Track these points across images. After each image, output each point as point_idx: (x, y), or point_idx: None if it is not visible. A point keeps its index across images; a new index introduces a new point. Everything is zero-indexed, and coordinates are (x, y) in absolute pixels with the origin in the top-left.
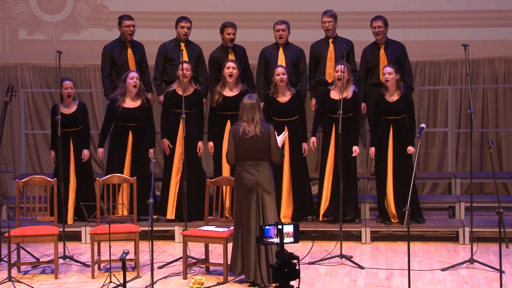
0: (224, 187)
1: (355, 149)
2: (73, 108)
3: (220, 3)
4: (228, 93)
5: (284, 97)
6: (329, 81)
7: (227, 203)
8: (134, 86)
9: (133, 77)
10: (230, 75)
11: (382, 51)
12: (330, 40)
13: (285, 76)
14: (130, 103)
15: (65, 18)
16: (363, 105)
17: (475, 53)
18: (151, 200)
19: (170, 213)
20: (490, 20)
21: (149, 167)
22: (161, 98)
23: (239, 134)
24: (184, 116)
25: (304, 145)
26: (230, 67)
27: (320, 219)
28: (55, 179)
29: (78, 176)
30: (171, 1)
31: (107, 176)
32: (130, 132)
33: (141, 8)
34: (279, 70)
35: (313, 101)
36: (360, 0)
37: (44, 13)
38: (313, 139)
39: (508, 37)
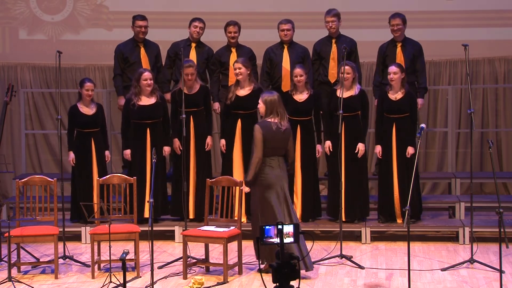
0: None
1: (359, 147)
2: (93, 109)
3: (224, 3)
4: (240, 92)
5: (301, 96)
6: (332, 81)
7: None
8: (148, 86)
9: (146, 78)
10: (238, 75)
11: (399, 49)
12: (333, 40)
13: (302, 77)
14: (145, 101)
15: (65, 18)
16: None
17: (475, 53)
18: (151, 200)
19: (192, 213)
20: (490, 20)
21: (165, 165)
22: (168, 96)
23: (272, 129)
24: (184, 116)
25: (318, 147)
26: (237, 68)
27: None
28: (55, 179)
29: (101, 177)
30: (173, 1)
31: (107, 176)
32: (148, 130)
33: (141, 8)
34: (297, 71)
35: None
36: (362, 0)
37: (44, 13)
38: (328, 142)
39: (508, 37)
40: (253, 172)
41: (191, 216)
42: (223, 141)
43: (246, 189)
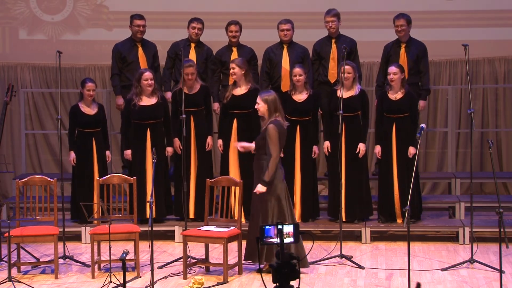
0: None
1: (360, 146)
2: (95, 109)
3: (224, 3)
4: (237, 91)
5: (300, 96)
6: (332, 81)
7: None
8: (149, 86)
9: (147, 78)
10: (232, 75)
11: (402, 50)
12: (333, 40)
13: (302, 77)
14: (146, 101)
15: (65, 18)
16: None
17: (475, 53)
18: (151, 199)
19: (192, 213)
20: (490, 20)
21: (167, 165)
22: (168, 94)
23: (284, 127)
24: (184, 116)
25: (315, 148)
26: (231, 68)
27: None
28: (55, 179)
29: (102, 177)
30: (173, 1)
31: (107, 176)
32: (148, 130)
33: (141, 8)
34: (296, 70)
35: None
36: (362, 0)
37: (44, 13)
38: (327, 143)
39: (508, 37)
40: (273, 172)
41: (191, 216)
42: (220, 141)
43: (263, 189)
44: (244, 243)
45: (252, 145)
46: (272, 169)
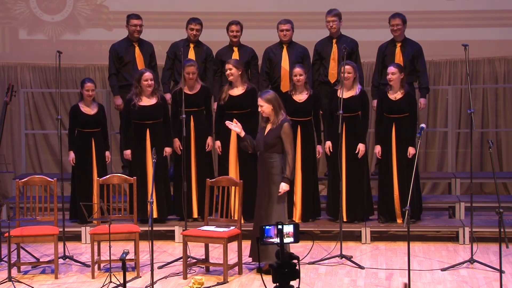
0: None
1: (360, 147)
2: (95, 109)
3: (224, 3)
4: (233, 92)
5: (300, 96)
6: (332, 82)
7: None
8: (149, 86)
9: (147, 79)
10: (229, 76)
11: (398, 49)
12: (334, 40)
13: (302, 77)
14: (146, 101)
15: (65, 18)
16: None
17: (475, 53)
18: (151, 200)
19: (195, 213)
20: (490, 20)
21: (167, 165)
22: (168, 96)
23: (292, 124)
24: (184, 116)
25: (319, 148)
26: (228, 69)
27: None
28: (55, 179)
29: (101, 177)
30: (173, 1)
31: (107, 176)
32: (148, 130)
33: (141, 8)
34: (297, 70)
35: None
36: (362, 0)
37: (44, 13)
38: (328, 143)
39: (508, 37)
40: (293, 168)
41: (195, 216)
42: (218, 143)
43: (287, 187)
44: (244, 243)
45: (242, 131)
46: (292, 165)
